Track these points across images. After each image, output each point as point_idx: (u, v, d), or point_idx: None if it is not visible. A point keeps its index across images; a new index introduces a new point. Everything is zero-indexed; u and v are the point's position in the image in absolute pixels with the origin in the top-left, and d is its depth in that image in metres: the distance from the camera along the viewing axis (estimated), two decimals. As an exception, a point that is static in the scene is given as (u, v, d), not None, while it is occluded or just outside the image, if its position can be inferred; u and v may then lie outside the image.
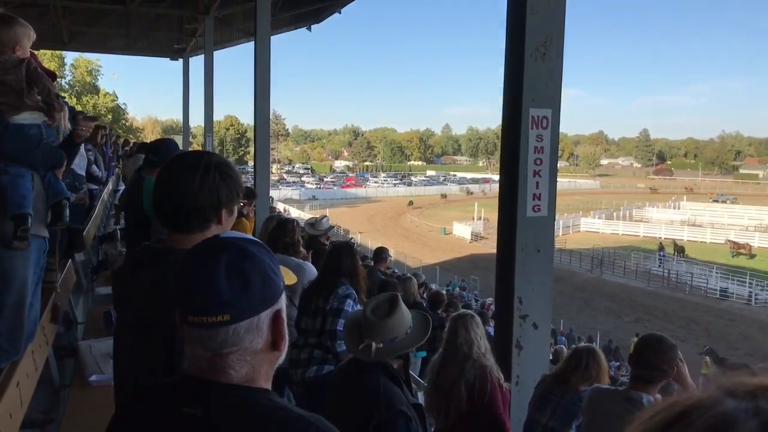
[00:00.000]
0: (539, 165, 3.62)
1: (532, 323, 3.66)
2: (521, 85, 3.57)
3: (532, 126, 3.59)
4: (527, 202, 3.62)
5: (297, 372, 4.03)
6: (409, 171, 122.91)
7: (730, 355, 25.21)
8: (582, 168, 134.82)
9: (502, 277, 3.80)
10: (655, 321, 30.33)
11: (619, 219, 58.82)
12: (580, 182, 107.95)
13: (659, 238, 49.72)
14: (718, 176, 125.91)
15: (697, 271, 38.53)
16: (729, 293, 34.87)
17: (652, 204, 67.64)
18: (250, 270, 1.18)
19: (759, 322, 30.62)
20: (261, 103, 10.60)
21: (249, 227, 6.34)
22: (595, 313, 31.21)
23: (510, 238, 3.68)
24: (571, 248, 45.07)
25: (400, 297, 2.79)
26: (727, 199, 78.32)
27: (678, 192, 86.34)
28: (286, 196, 71.97)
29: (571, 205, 68.01)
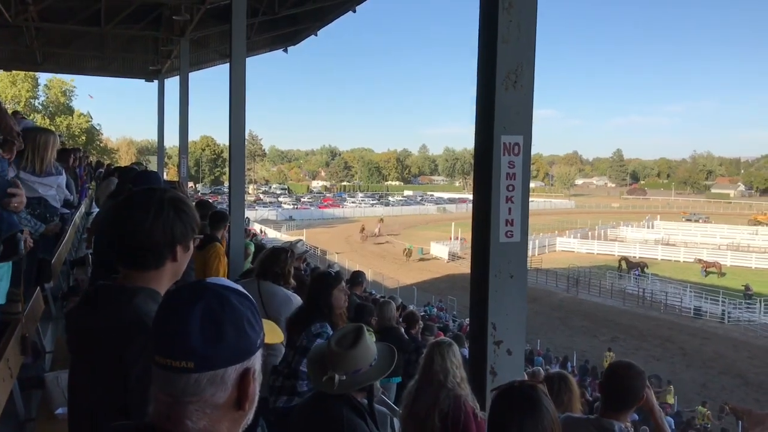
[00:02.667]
0: (511, 191, 3.65)
1: (507, 349, 3.66)
2: (492, 112, 3.60)
3: (504, 152, 3.61)
4: (500, 227, 3.64)
5: (271, 399, 3.98)
6: (387, 191, 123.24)
7: (703, 374, 25.49)
8: (557, 188, 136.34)
9: (476, 303, 3.81)
10: (631, 340, 30.57)
11: (594, 238, 59.41)
12: (555, 202, 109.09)
13: (634, 257, 50.25)
14: (690, 195, 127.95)
15: (672, 290, 38.98)
16: (703, 312, 35.28)
17: (626, 223, 68.44)
18: (226, 321, 1.14)
19: (732, 340, 30.97)
20: (236, 124, 10.55)
21: (223, 251, 6.28)
22: (571, 332, 31.35)
23: (483, 264, 3.69)
24: (547, 268, 45.34)
25: (365, 328, 2.78)
26: (700, 218, 79.56)
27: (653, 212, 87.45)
28: (263, 216, 71.64)
29: (547, 224, 68.52)
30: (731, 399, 21.30)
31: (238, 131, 10.72)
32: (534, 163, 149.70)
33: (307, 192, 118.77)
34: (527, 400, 2.20)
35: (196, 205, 8.91)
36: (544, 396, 2.26)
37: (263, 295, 4.58)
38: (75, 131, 63.71)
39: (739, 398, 22.33)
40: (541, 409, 2.18)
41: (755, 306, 35.31)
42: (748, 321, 34.28)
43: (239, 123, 10.68)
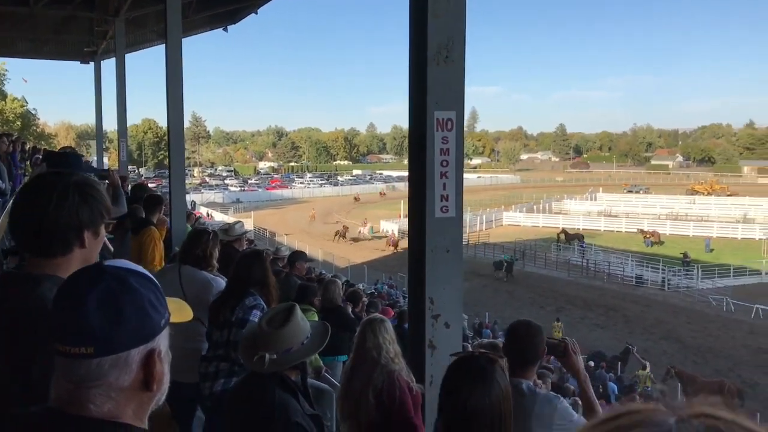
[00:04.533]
0: (446, 166, 3.67)
1: (444, 322, 3.71)
2: (425, 88, 3.61)
3: (437, 128, 3.63)
4: (435, 203, 3.67)
5: (206, 386, 3.94)
6: (336, 171, 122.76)
7: (644, 339, 26.39)
8: (503, 163, 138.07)
9: (414, 279, 3.84)
10: (576, 310, 31.40)
11: (539, 212, 60.56)
12: (501, 177, 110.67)
13: (578, 229, 51.50)
14: (631, 167, 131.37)
15: (614, 260, 40.13)
16: (644, 280, 36.48)
17: (570, 196, 69.93)
18: (126, 304, 1.13)
19: (672, 306, 32.13)
20: (174, 106, 10.32)
21: (158, 235, 6.16)
22: (519, 304, 31.99)
23: (420, 240, 3.72)
24: (494, 242, 46.12)
25: (298, 307, 2.77)
26: (640, 189, 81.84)
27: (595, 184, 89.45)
28: (209, 199, 70.57)
29: (494, 199, 69.57)
30: (671, 363, 22.10)
31: (177, 113, 10.50)
32: (480, 140, 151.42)
33: (254, 174, 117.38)
34: (480, 370, 2.23)
35: (133, 188, 8.73)
36: (500, 370, 2.28)
37: (183, 279, 4.47)
38: (9, 116, 61.22)
39: (679, 361, 23.18)
40: (492, 382, 2.20)
41: (693, 273, 36.69)
42: (686, 287, 35.64)
43: (177, 105, 10.45)
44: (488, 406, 2.17)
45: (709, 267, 37.52)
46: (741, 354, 25.28)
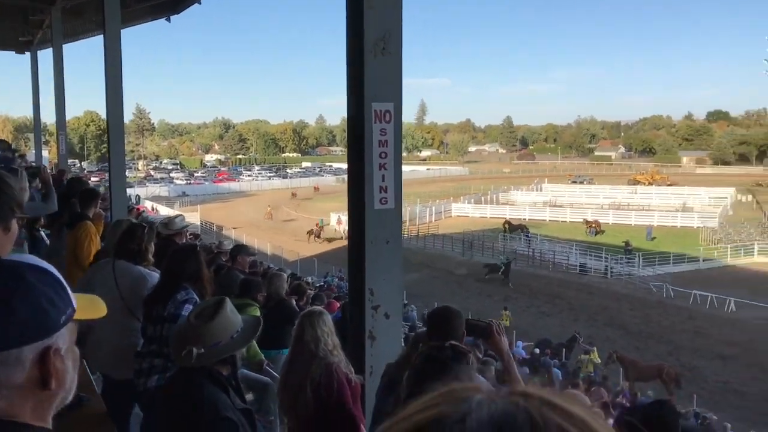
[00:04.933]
0: (384, 158, 3.70)
1: (384, 313, 3.74)
2: (362, 80, 3.62)
3: (376, 120, 3.65)
4: (374, 195, 3.69)
5: (140, 382, 3.88)
6: (284, 163, 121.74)
7: (589, 326, 27.06)
8: (452, 155, 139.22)
9: (354, 270, 3.86)
10: (523, 298, 31.98)
11: (487, 203, 61.37)
12: (450, 169, 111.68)
13: (524, 219, 52.44)
14: (575, 159, 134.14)
15: (559, 249, 41.00)
16: (588, 268, 37.40)
17: (516, 187, 71.06)
18: (18, 300, 1.09)
19: (615, 294, 33.04)
20: (113, 98, 10.07)
21: (94, 230, 6.01)
22: (467, 294, 32.39)
23: (359, 231, 3.74)
24: (443, 233, 46.53)
25: (228, 301, 2.75)
26: (584, 180, 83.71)
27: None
28: (154, 193, 69.15)
29: (443, 191, 70.15)
30: (615, 348, 22.74)
31: (116, 105, 10.25)
32: (429, 132, 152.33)
33: (201, 167, 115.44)
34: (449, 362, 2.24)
35: (68, 182, 8.48)
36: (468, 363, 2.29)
37: (117, 273, 4.39)
38: (-61, 109, 58.66)
39: (622, 347, 23.85)
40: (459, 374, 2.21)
41: (634, 260, 37.79)
42: (628, 274, 36.67)
43: (116, 97, 10.20)
44: None
45: (650, 255, 38.68)
46: (680, 338, 26.19)
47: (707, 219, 49.80)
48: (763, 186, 69.55)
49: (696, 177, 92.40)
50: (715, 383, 21.81)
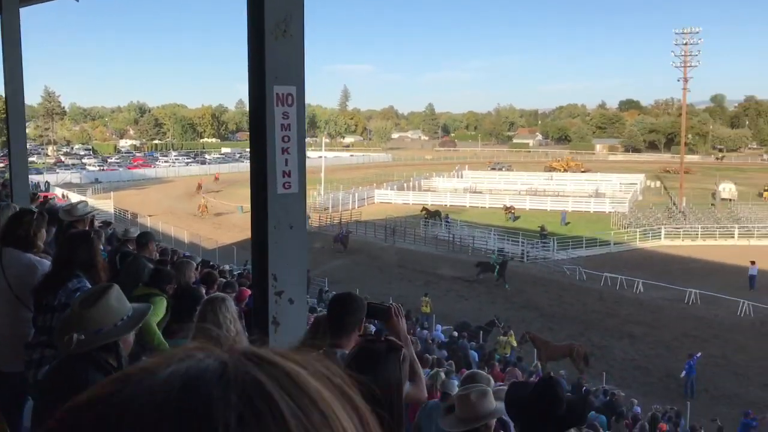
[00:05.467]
0: (287, 142, 3.64)
1: (288, 299, 3.70)
2: (263, 62, 3.55)
3: (277, 103, 3.59)
4: (277, 179, 3.63)
5: (31, 373, 3.72)
6: (203, 149, 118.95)
7: (506, 309, 27.81)
8: (375, 142, 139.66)
9: (257, 255, 3.79)
10: (443, 283, 32.52)
11: (409, 189, 61.95)
12: (373, 156, 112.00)
13: (445, 205, 53.30)
14: (495, 146, 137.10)
15: (478, 234, 41.90)
16: (505, 252, 38.36)
17: (438, 174, 72.01)
18: None
19: (531, 277, 34.08)
20: (12, 79, 9.53)
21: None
22: (389, 279, 32.68)
23: (262, 216, 3.68)
24: (366, 219, 46.76)
25: (117, 288, 2.67)
26: (503, 166, 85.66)
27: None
28: (65, 180, 66.26)
29: (366, 178, 70.33)
30: (531, 330, 23.50)
31: (16, 87, 9.71)
32: (352, 118, 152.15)
33: (115, 152, 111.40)
34: (380, 356, 2.21)
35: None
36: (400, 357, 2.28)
37: (4, 261, 4.18)
38: None
39: (536, 328, 24.66)
40: (388, 368, 2.19)
41: (549, 245, 39.09)
42: (543, 258, 37.93)
43: (16, 78, 9.65)
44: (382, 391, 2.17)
45: (564, 239, 40.11)
46: (592, 319, 27.31)
47: (618, 204, 51.95)
48: (671, 172, 72.94)
49: (608, 164, 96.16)
50: (623, 361, 22.90)
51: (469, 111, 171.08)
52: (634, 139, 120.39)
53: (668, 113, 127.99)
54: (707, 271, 34.62)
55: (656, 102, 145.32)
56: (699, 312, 27.27)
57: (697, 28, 56.10)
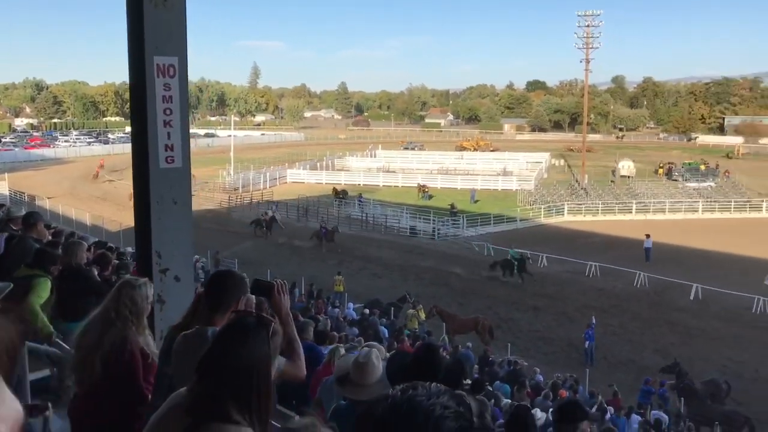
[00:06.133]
0: (169, 115, 3.53)
1: (174, 276, 3.62)
2: (142, 31, 3.42)
3: (158, 74, 3.47)
4: (159, 153, 3.53)
5: None
6: (106, 128, 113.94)
7: (417, 285, 28.24)
8: (287, 121, 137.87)
9: (140, 232, 3.68)
10: (357, 262, 32.63)
11: (322, 169, 61.67)
12: (285, 135, 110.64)
13: (359, 184, 53.45)
14: (408, 125, 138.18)
15: (390, 213, 42.30)
16: (417, 230, 38.97)
17: (352, 153, 71.94)
18: None
19: (441, 254, 34.72)
20: None
21: None
22: (301, 260, 32.49)
23: (144, 191, 3.57)
24: (278, 199, 46.23)
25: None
26: (416, 146, 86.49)
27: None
28: (-47, 161, 62.06)
29: (278, 157, 69.41)
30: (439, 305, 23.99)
31: None
32: (263, 96, 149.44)
33: (10, 131, 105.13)
34: (247, 330, 2.17)
35: None
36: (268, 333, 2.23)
37: None
38: None
39: (446, 303, 25.19)
40: (255, 344, 2.15)
41: (459, 222, 39.96)
42: (454, 235, 38.73)
43: None
44: (245, 366, 2.12)
45: (473, 216, 41.10)
46: (498, 293, 28.14)
47: (524, 182, 53.63)
48: (574, 151, 75.69)
49: (516, 143, 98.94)
50: (528, 332, 23.77)
51: (382, 90, 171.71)
52: (540, 119, 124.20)
53: (572, 94, 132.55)
54: (607, 244, 36.38)
55: (561, 83, 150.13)
56: (599, 284, 28.62)
57: (599, 11, 58.14)
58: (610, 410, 13.70)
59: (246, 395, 2.05)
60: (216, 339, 2.18)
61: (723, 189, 52.06)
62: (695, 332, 23.47)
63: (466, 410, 1.13)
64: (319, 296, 22.15)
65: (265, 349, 2.12)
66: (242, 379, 2.04)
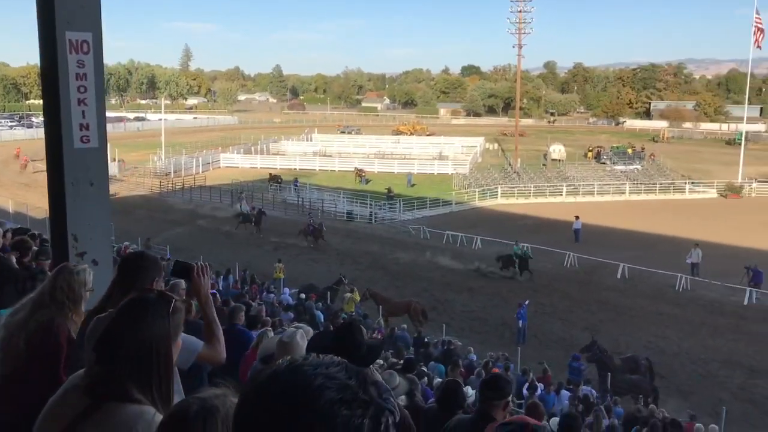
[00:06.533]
0: (84, 93, 3.40)
1: (92, 260, 3.50)
2: (52, 5, 3.27)
3: (71, 51, 3.32)
4: (73, 132, 3.39)
5: None
6: (29, 111, 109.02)
7: (354, 269, 28.31)
8: (220, 104, 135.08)
9: (54, 215, 3.54)
10: (292, 247, 32.42)
11: (257, 153, 60.86)
12: (218, 118, 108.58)
13: (295, 169, 53.05)
14: (344, 109, 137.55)
15: (327, 197, 42.18)
16: (354, 214, 38.99)
17: (287, 137, 71.17)
18: None
19: (378, 237, 34.89)
20: None
21: None
22: (235, 245, 32.09)
23: (58, 172, 3.43)
24: (211, 184, 45.45)
25: None
26: (353, 130, 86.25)
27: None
28: None
29: (211, 141, 68.10)
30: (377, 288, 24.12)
31: None
32: (195, 79, 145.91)
33: None
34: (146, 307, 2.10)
35: None
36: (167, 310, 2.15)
37: None
38: None
39: (383, 287, 25.38)
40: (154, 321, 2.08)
41: (396, 206, 40.19)
42: (390, 219, 38.95)
43: None
44: (143, 343, 2.06)
45: (409, 200, 41.43)
46: (434, 276, 28.48)
47: (460, 166, 54.26)
48: (508, 135, 76.98)
49: (452, 127, 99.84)
50: (462, 313, 24.18)
51: (318, 74, 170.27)
52: (474, 104, 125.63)
53: (506, 79, 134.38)
54: (538, 226, 37.31)
55: (495, 68, 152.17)
56: (531, 264, 29.29)
57: (531, -3, 59.09)
58: (540, 387, 14.08)
59: (146, 373, 2.00)
60: (114, 316, 2.12)
61: (649, 171, 54.01)
62: (622, 310, 24.36)
63: (358, 384, 1.10)
64: (253, 282, 21.93)
65: (165, 326, 2.07)
66: (141, 356, 1.99)
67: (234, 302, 10.35)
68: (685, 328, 22.91)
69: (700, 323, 23.32)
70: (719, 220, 38.71)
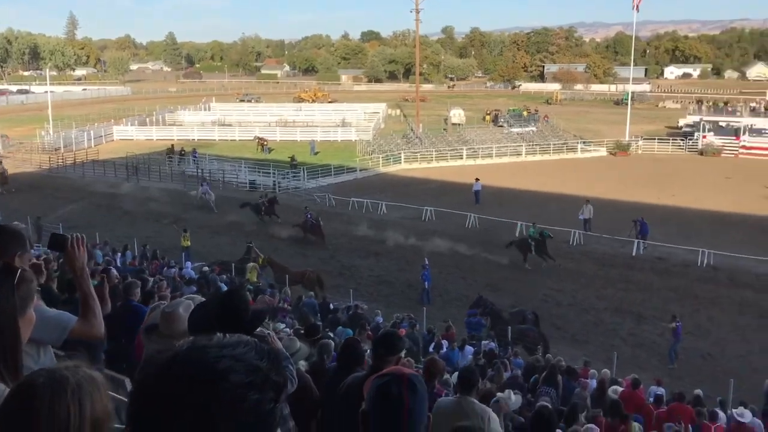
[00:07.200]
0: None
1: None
2: None
3: None
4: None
5: None
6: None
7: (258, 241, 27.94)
8: (111, 74, 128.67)
9: None
10: (193, 221, 31.60)
11: (152, 125, 58.65)
12: (109, 89, 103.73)
13: (193, 140, 51.53)
14: (243, 77, 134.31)
15: (228, 168, 41.30)
16: (257, 184, 38.38)
17: (183, 107, 68.82)
18: None
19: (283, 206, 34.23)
20: None
21: None
22: (133, 220, 31.04)
23: None
24: (104, 159, 43.55)
25: None
26: (252, 98, 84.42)
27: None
28: None
29: (102, 113, 64.99)
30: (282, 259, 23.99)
31: None
32: (83, 48, 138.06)
33: None
34: None
35: None
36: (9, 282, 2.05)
37: None
38: None
39: (288, 256, 25.34)
40: None
41: (300, 174, 39.88)
42: (295, 188, 38.65)
43: None
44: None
45: (313, 168, 41.21)
46: (340, 242, 28.60)
47: (363, 133, 54.34)
48: (409, 101, 77.57)
49: (354, 94, 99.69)
50: (369, 277, 24.50)
51: (214, 40, 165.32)
52: (375, 70, 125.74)
53: (405, 44, 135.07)
54: (441, 190, 38.09)
55: (394, 33, 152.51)
56: (434, 227, 29.92)
57: (427, -39, 59.28)
58: (445, 344, 14.54)
59: None
60: None
61: (543, 133, 55.98)
62: (520, 265, 25.35)
63: (269, 365, 1.03)
64: (155, 257, 21.31)
65: (11, 299, 2.01)
66: None
67: (131, 278, 10.05)
68: (580, 280, 24.19)
69: (593, 275, 24.68)
70: (609, 177, 40.83)
